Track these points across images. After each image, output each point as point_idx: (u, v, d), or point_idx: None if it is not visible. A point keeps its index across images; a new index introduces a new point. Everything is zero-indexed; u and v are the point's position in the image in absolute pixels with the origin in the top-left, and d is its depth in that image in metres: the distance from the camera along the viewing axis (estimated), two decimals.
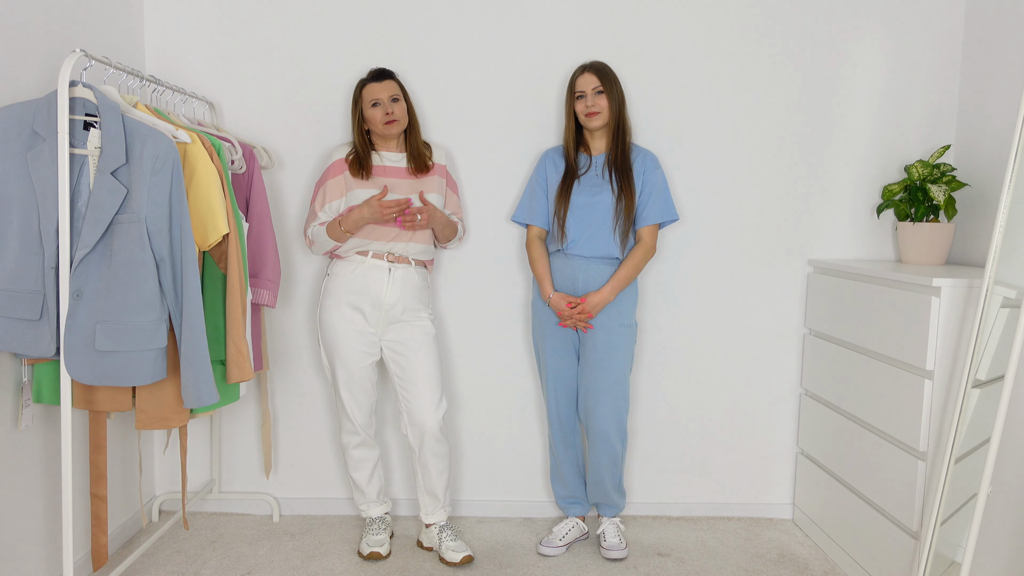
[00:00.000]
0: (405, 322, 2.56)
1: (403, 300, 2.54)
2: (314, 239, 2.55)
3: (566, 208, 2.57)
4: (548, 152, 2.70)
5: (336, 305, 2.53)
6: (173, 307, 2.06)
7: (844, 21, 2.89)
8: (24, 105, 1.98)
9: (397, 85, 2.55)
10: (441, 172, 2.64)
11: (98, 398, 2.14)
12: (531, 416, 3.00)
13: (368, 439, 2.64)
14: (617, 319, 2.57)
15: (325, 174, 2.57)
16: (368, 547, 2.60)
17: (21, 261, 1.97)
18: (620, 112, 2.57)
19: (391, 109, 2.51)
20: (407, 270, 2.55)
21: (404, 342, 2.55)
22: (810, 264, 2.97)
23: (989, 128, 2.74)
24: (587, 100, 2.54)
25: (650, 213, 2.59)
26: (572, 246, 2.57)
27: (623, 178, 2.55)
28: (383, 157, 2.58)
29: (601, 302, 2.53)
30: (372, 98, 2.51)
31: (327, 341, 2.56)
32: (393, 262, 2.53)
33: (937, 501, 2.04)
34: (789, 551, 2.76)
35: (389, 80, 2.53)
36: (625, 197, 2.54)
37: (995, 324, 2.07)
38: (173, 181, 2.01)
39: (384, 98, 2.51)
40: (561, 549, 2.67)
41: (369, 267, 2.52)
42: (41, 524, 2.23)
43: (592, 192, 2.56)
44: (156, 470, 2.98)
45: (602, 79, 2.54)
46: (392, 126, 2.52)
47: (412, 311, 2.56)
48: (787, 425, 3.04)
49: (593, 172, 2.60)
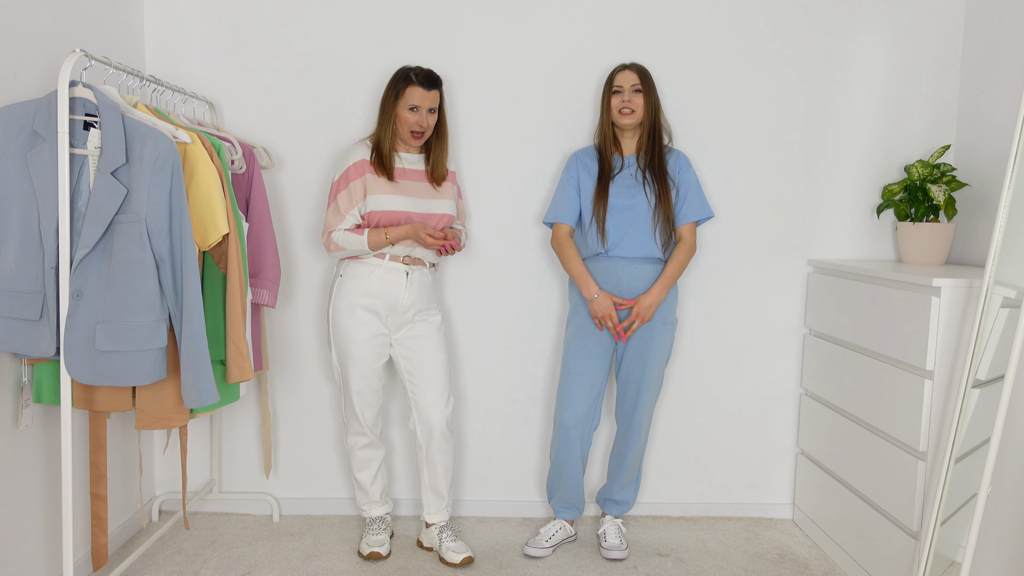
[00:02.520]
0: (417, 321, 2.56)
1: (418, 302, 2.54)
2: (342, 244, 2.45)
3: (605, 210, 2.56)
4: (577, 153, 2.68)
5: (350, 308, 2.49)
6: (173, 307, 2.06)
7: (844, 21, 2.89)
8: (24, 105, 1.98)
9: (439, 95, 2.48)
10: (453, 179, 2.64)
11: (98, 398, 2.14)
12: (532, 416, 3.00)
13: (375, 440, 2.64)
14: (661, 317, 2.60)
15: (348, 174, 2.47)
16: (368, 547, 2.60)
17: (21, 261, 1.97)
18: (656, 115, 2.57)
19: (426, 121, 2.46)
20: (422, 272, 2.55)
21: (416, 339, 2.55)
22: (810, 264, 2.97)
23: (989, 128, 2.74)
24: (624, 95, 2.54)
25: (689, 211, 2.61)
26: (614, 248, 2.57)
27: (659, 181, 2.56)
28: (402, 158, 2.55)
29: (653, 303, 2.54)
30: (413, 102, 2.43)
31: (339, 344, 2.52)
32: (410, 264, 2.53)
33: (937, 501, 2.04)
34: (789, 551, 2.76)
35: (436, 90, 2.46)
36: (663, 199, 2.55)
37: (995, 324, 2.07)
38: (173, 181, 2.01)
39: (423, 107, 2.44)
40: (547, 551, 2.67)
41: (387, 270, 2.49)
42: (41, 524, 2.23)
43: (629, 194, 2.56)
44: (156, 470, 2.98)
45: (642, 79, 2.54)
46: (418, 138, 2.48)
47: (424, 311, 2.57)
48: (787, 425, 3.04)
49: (627, 173, 2.59)
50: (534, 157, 2.90)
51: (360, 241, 2.44)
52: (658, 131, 2.58)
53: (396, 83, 2.46)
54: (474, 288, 2.94)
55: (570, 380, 2.62)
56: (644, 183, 2.57)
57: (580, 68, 2.88)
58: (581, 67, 2.88)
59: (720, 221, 2.95)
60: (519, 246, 2.93)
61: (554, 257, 2.93)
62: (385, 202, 2.46)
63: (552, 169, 2.90)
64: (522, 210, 2.91)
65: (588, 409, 2.62)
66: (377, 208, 2.46)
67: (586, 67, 2.88)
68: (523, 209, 2.92)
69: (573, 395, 2.61)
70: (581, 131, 2.90)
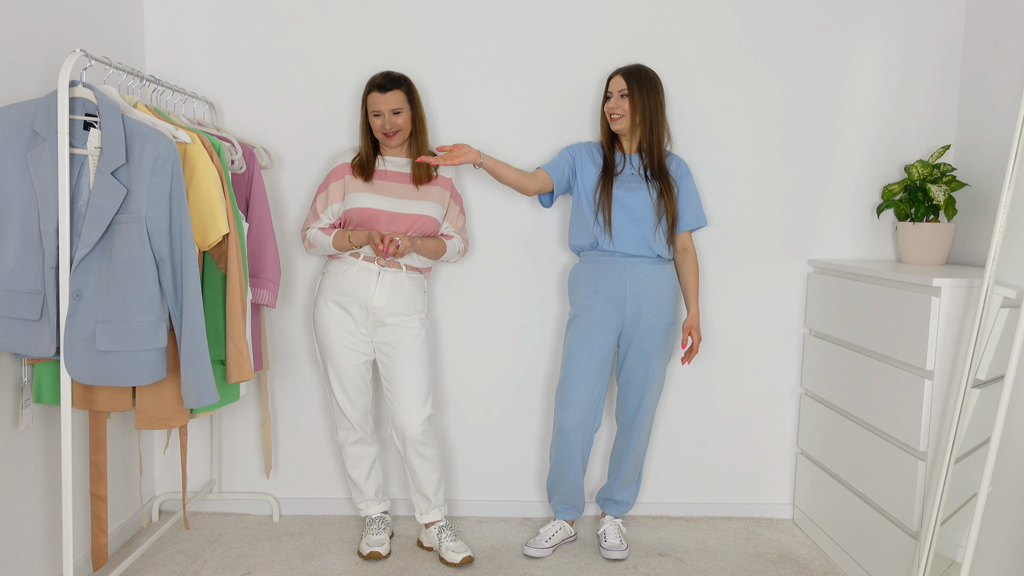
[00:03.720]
0: (393, 325, 2.55)
1: (391, 304, 2.54)
2: (314, 242, 2.58)
3: (610, 203, 2.57)
4: (586, 142, 2.71)
5: (325, 303, 2.56)
6: (173, 307, 2.06)
7: (844, 21, 2.89)
8: (24, 105, 1.98)
9: (403, 95, 2.52)
10: (445, 184, 2.63)
11: (98, 398, 2.14)
12: (532, 416, 3.00)
13: (365, 436, 2.65)
14: (662, 318, 2.61)
15: (329, 177, 2.60)
16: (368, 547, 2.60)
17: (21, 261, 1.97)
18: (653, 116, 2.56)
19: (391, 123, 2.51)
20: (397, 275, 2.55)
21: (391, 344, 2.55)
22: (810, 264, 2.97)
23: (989, 128, 2.74)
24: (611, 102, 2.57)
25: (688, 219, 2.64)
26: (617, 243, 2.57)
27: (661, 180, 2.57)
28: (386, 161, 2.60)
29: (696, 322, 2.65)
30: (374, 108, 2.51)
31: (319, 337, 2.59)
32: (383, 266, 2.54)
33: (937, 501, 2.04)
34: (789, 551, 2.76)
35: (394, 91, 2.50)
36: (665, 196, 2.56)
37: (995, 324, 2.07)
38: (173, 181, 2.01)
39: (385, 110, 2.50)
40: (547, 551, 2.67)
41: (359, 269, 2.53)
42: (41, 524, 2.23)
43: (631, 189, 2.57)
44: (156, 470, 2.98)
45: (629, 83, 2.53)
46: (392, 138, 2.53)
47: (401, 315, 2.55)
48: (787, 425, 3.04)
49: (629, 170, 2.60)
50: (534, 157, 2.90)
51: (327, 240, 2.55)
52: (658, 131, 2.57)
53: (362, 95, 2.58)
54: (473, 287, 2.94)
55: (571, 382, 2.60)
56: (646, 178, 2.58)
57: (580, 67, 2.88)
58: (581, 66, 2.88)
59: (720, 221, 2.95)
60: (519, 245, 2.93)
61: (554, 256, 2.93)
62: (359, 200, 2.54)
63: None
64: (522, 210, 2.91)
65: (589, 412, 2.60)
66: (353, 206, 2.53)
67: (586, 66, 2.88)
68: (523, 208, 2.91)
69: (573, 398, 2.59)
70: (581, 131, 2.90)
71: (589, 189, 2.62)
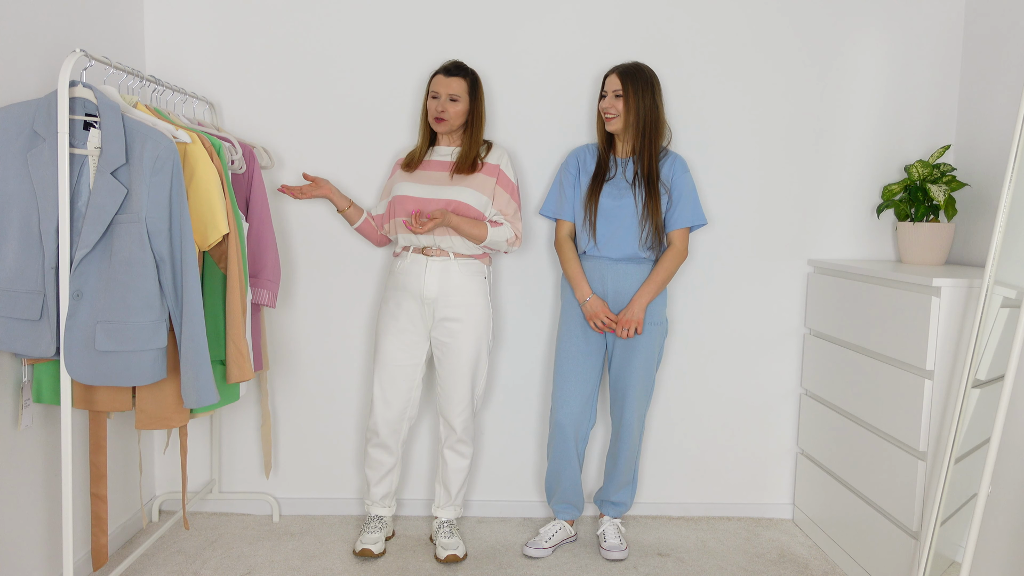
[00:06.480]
0: (453, 320, 2.56)
1: (445, 294, 2.55)
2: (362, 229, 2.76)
3: (595, 210, 2.58)
4: (577, 151, 2.70)
5: (385, 300, 2.64)
6: (173, 307, 2.06)
7: (844, 21, 2.90)
8: (24, 105, 1.98)
9: (465, 84, 2.55)
10: (492, 171, 2.60)
11: (98, 398, 2.14)
12: (532, 417, 3.00)
13: (388, 442, 2.63)
14: (648, 318, 2.60)
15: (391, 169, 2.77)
16: (361, 544, 2.60)
17: (21, 261, 1.97)
18: (648, 117, 2.54)
19: (444, 107, 2.53)
20: (445, 262, 2.55)
21: (445, 343, 2.58)
22: (810, 264, 2.97)
23: (989, 128, 2.74)
24: (605, 101, 2.56)
25: (679, 217, 2.60)
26: (601, 247, 2.58)
27: (648, 184, 2.55)
28: (434, 151, 2.64)
29: (633, 317, 2.53)
30: (434, 90, 2.55)
31: (376, 332, 2.68)
32: (431, 256, 2.55)
33: (937, 501, 2.04)
34: (789, 551, 2.76)
35: (458, 78, 2.54)
36: (650, 202, 2.54)
37: (995, 324, 2.07)
38: (173, 181, 2.01)
39: (443, 93, 2.53)
40: (547, 551, 2.67)
41: (410, 262, 2.58)
42: (41, 524, 2.23)
43: (617, 195, 2.57)
44: (156, 470, 2.98)
45: (624, 82, 2.52)
46: (440, 124, 2.56)
47: (458, 306, 2.55)
48: (787, 425, 3.04)
49: (618, 176, 2.60)
50: (534, 154, 2.90)
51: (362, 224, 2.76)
52: (652, 133, 2.55)
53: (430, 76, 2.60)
54: None
55: (563, 378, 2.63)
56: (634, 186, 2.57)
57: (580, 66, 2.88)
58: (581, 65, 2.88)
59: (720, 221, 2.95)
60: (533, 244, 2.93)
61: (553, 255, 2.93)
62: (399, 189, 2.60)
63: (552, 166, 2.90)
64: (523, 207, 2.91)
65: (583, 406, 2.63)
66: (396, 195, 2.59)
67: (586, 65, 2.88)
68: (523, 206, 2.91)
69: (566, 393, 2.62)
70: (581, 127, 2.90)
71: (581, 197, 2.64)
